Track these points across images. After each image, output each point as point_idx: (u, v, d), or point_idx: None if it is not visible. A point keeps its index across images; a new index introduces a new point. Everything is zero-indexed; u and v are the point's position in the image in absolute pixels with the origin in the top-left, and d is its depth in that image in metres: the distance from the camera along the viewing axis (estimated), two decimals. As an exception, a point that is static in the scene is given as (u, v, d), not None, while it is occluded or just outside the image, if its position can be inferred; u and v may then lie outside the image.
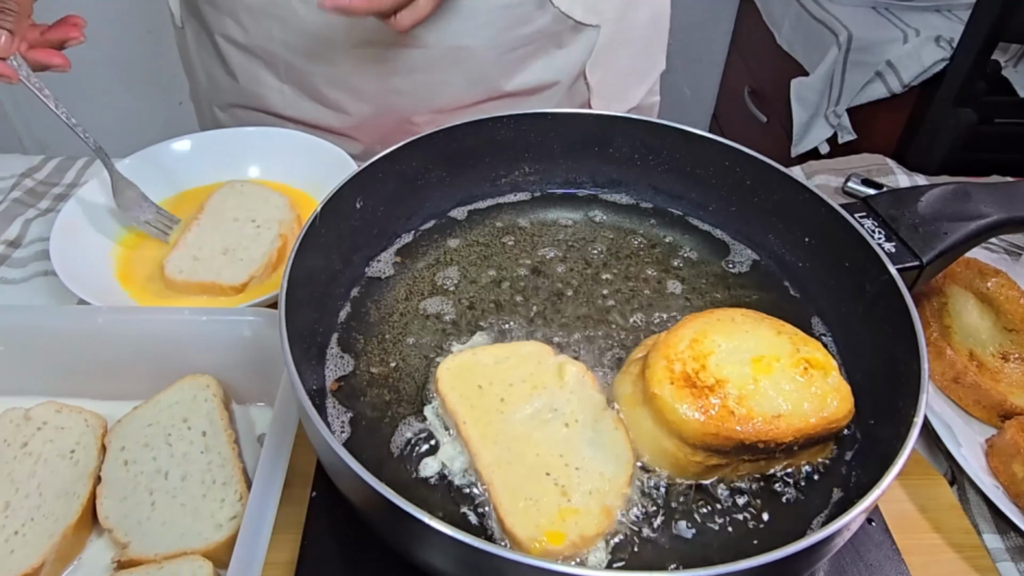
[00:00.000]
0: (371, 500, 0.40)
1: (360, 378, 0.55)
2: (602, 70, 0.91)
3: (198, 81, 0.98)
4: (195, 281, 0.73)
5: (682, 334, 0.51)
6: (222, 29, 0.87)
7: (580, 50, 0.89)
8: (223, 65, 0.91)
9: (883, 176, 0.98)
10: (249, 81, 0.90)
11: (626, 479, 0.48)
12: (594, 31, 0.88)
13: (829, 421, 0.48)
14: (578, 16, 0.85)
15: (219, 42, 0.89)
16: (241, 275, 0.73)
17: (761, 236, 0.66)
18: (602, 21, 0.88)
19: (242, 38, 0.86)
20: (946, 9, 1.67)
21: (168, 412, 0.59)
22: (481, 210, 0.70)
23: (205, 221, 0.79)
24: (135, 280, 0.75)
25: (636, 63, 0.95)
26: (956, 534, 0.58)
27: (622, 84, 0.96)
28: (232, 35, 0.87)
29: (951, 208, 0.61)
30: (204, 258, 0.75)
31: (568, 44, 0.88)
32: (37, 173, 0.94)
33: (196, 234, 0.77)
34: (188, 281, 0.73)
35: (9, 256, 0.82)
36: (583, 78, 0.91)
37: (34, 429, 0.58)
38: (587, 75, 0.91)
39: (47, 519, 0.53)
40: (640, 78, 0.98)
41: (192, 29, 0.93)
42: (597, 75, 0.91)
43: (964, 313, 0.70)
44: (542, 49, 0.87)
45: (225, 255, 0.75)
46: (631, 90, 0.97)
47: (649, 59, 0.97)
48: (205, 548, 0.51)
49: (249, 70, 0.89)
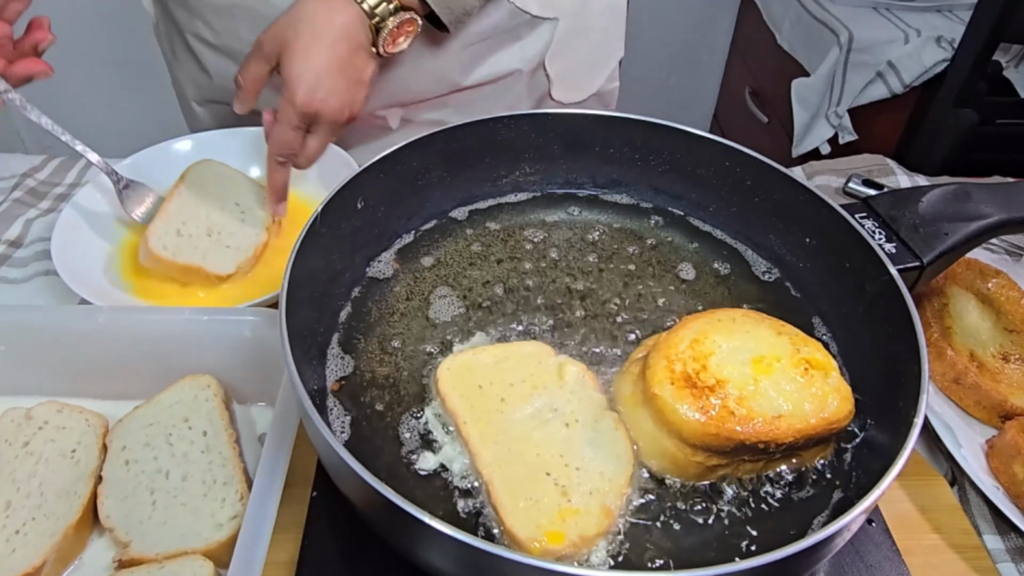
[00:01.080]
0: (372, 500, 0.40)
1: (361, 378, 0.55)
2: (561, 61, 0.92)
3: (176, 77, 0.99)
4: (181, 263, 0.72)
5: (682, 334, 0.51)
6: (193, 29, 0.87)
7: (539, 43, 0.89)
8: (197, 63, 0.91)
9: (884, 177, 0.98)
10: (223, 78, 0.90)
11: (626, 479, 0.48)
12: (552, 24, 0.88)
13: (829, 421, 0.48)
14: (534, 11, 0.85)
15: (191, 41, 0.89)
16: (229, 265, 0.73)
17: (761, 236, 0.66)
18: (560, 14, 0.88)
19: (212, 38, 0.86)
20: (947, 9, 1.67)
21: (169, 412, 0.59)
22: (482, 210, 0.70)
23: (186, 193, 0.77)
24: (136, 280, 0.75)
25: (595, 52, 0.96)
26: (956, 535, 0.58)
27: (582, 73, 0.96)
28: (202, 34, 0.87)
29: (952, 209, 0.61)
30: (188, 235, 0.74)
31: (526, 37, 0.88)
32: (39, 173, 0.94)
33: (178, 204, 0.76)
34: (173, 262, 0.72)
35: (10, 256, 0.83)
36: (543, 69, 0.92)
37: (35, 429, 0.58)
38: (546, 66, 0.91)
39: (48, 518, 0.53)
40: (599, 67, 0.98)
41: (165, 27, 0.94)
42: (556, 66, 0.92)
43: (965, 314, 0.70)
44: (500, 44, 0.87)
45: (210, 237, 0.75)
46: (591, 79, 0.98)
47: (608, 47, 0.98)
48: (206, 548, 0.51)
49: (222, 68, 0.89)
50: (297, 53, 0.66)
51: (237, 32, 0.84)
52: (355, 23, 0.68)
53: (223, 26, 0.84)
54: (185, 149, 0.87)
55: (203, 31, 0.86)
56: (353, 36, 0.68)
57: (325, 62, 0.66)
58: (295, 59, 0.66)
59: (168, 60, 0.99)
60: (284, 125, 0.68)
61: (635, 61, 2.23)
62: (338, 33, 0.67)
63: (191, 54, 0.91)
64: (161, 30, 0.95)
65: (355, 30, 0.68)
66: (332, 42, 0.66)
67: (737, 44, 2.29)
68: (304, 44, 0.66)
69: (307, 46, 0.66)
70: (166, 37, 0.95)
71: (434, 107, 0.90)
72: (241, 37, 0.84)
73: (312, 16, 0.66)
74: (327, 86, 0.67)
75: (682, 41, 2.30)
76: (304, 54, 0.66)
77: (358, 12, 0.68)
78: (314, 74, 0.66)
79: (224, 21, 0.83)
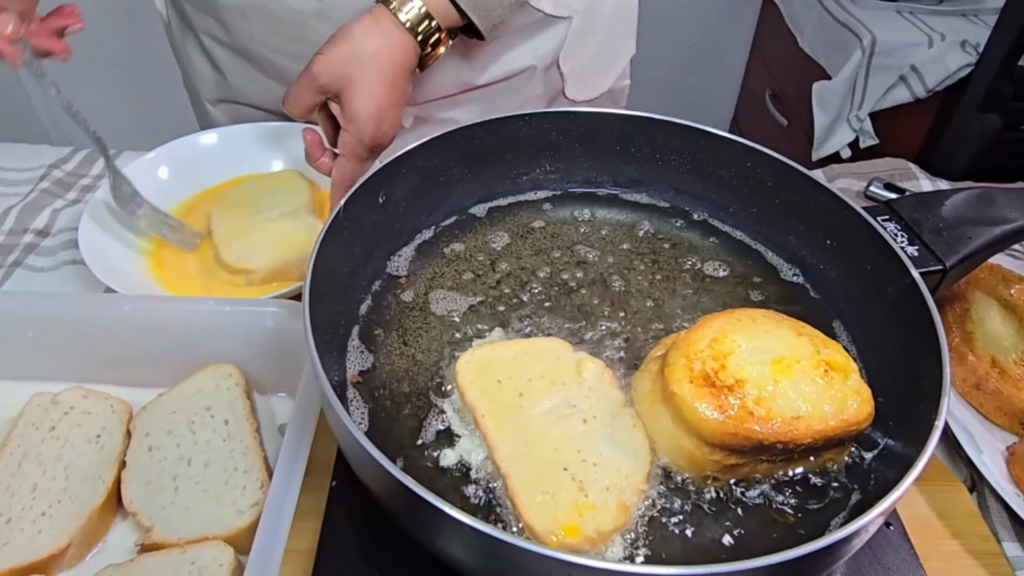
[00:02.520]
0: (392, 489, 0.40)
1: (380, 371, 0.56)
2: (574, 59, 0.92)
3: (189, 77, 1.00)
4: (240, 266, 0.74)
5: (702, 333, 0.51)
6: (206, 28, 0.88)
7: (552, 40, 0.90)
8: (211, 62, 0.92)
9: (906, 181, 0.97)
10: (237, 78, 0.91)
11: (643, 476, 0.48)
12: (566, 23, 0.89)
13: (849, 424, 0.48)
14: (548, 9, 0.86)
15: (204, 40, 0.90)
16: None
17: (782, 238, 0.66)
18: (572, 12, 0.88)
19: (225, 38, 0.87)
20: (972, 14, 1.65)
21: (191, 400, 0.60)
22: (501, 207, 0.71)
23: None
24: (161, 269, 0.76)
25: (607, 50, 0.97)
26: (975, 541, 0.58)
27: (594, 71, 0.97)
28: (216, 35, 0.88)
29: (975, 212, 0.60)
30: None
31: (539, 35, 0.89)
32: (65, 165, 0.96)
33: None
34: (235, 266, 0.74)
35: (38, 245, 0.84)
36: (557, 67, 0.92)
37: (61, 413, 0.59)
38: (560, 64, 0.92)
39: (73, 501, 0.54)
40: (611, 64, 0.99)
41: (178, 27, 0.94)
42: (569, 64, 0.92)
43: (987, 319, 0.70)
44: (513, 42, 0.87)
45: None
46: (603, 76, 0.98)
47: (619, 45, 0.99)
48: (227, 534, 0.52)
49: (236, 68, 0.90)
50: (362, 93, 0.67)
51: (250, 32, 0.84)
52: (410, 55, 0.70)
53: (236, 26, 0.85)
54: (211, 142, 0.88)
55: (217, 31, 0.87)
56: (408, 68, 0.70)
57: (389, 99, 0.68)
58: (362, 98, 0.67)
59: (181, 60, 0.99)
60: (354, 160, 0.70)
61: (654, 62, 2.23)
62: (399, 69, 0.69)
63: (205, 54, 0.92)
64: (174, 30, 0.96)
65: (410, 62, 0.70)
66: (394, 78, 0.68)
67: (758, 46, 2.27)
68: (369, 84, 0.67)
69: (372, 85, 0.67)
70: (179, 37, 0.95)
71: (447, 106, 0.90)
72: (255, 37, 0.85)
73: (376, 55, 0.67)
74: (389, 120, 0.69)
75: (702, 43, 2.29)
76: (370, 94, 0.67)
77: (413, 44, 0.69)
78: (380, 111, 0.68)
79: (238, 21, 0.84)
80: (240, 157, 0.88)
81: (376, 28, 0.68)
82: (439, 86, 0.88)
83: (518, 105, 0.93)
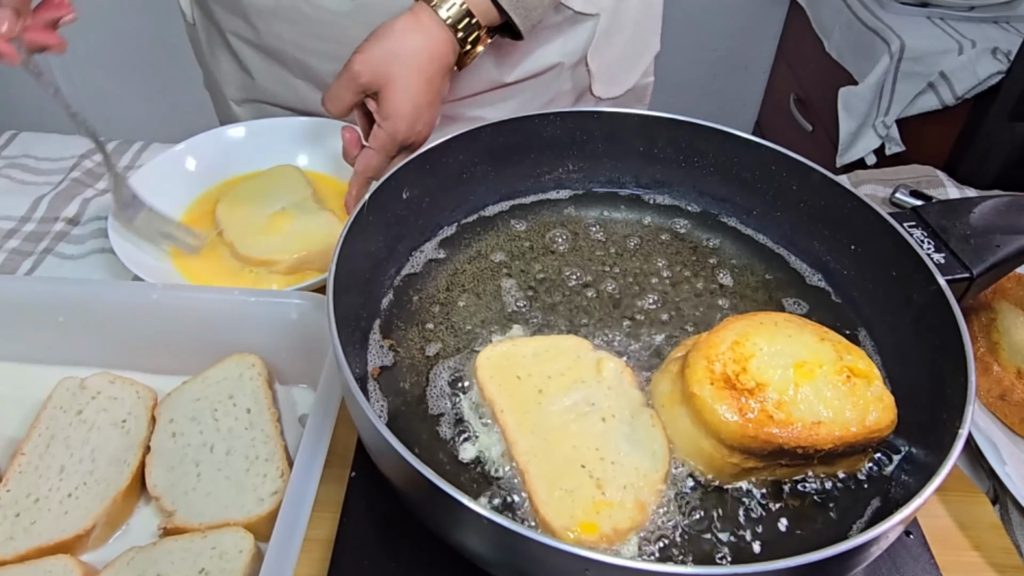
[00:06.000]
0: (412, 480, 0.41)
1: (400, 364, 0.57)
2: (602, 56, 0.93)
3: (212, 76, 1.00)
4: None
5: (723, 335, 0.50)
6: (233, 28, 0.89)
7: (580, 37, 0.90)
8: (237, 62, 0.93)
9: (932, 188, 0.96)
10: (264, 78, 0.91)
11: (661, 476, 0.48)
12: (594, 20, 0.88)
13: (870, 431, 0.47)
14: (577, 7, 0.86)
15: (231, 40, 0.90)
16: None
17: (806, 242, 0.66)
18: (600, 9, 0.88)
19: (253, 37, 0.87)
20: (1004, 21, 1.63)
21: (215, 388, 0.61)
22: (524, 205, 0.71)
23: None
24: (187, 261, 0.77)
25: (633, 47, 0.97)
26: (997, 553, 0.57)
27: (620, 68, 0.97)
28: (244, 34, 0.88)
29: (1004, 221, 0.59)
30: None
31: (568, 32, 0.89)
32: (96, 155, 0.98)
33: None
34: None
35: (68, 233, 0.86)
36: (584, 64, 0.92)
37: (89, 398, 0.61)
38: (588, 61, 0.92)
39: (99, 484, 0.55)
40: (636, 61, 0.99)
41: (203, 26, 0.95)
42: (597, 61, 0.93)
43: (1013, 330, 0.69)
44: (542, 39, 0.87)
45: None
46: (628, 73, 0.99)
47: (644, 42, 0.99)
48: (247, 520, 0.53)
49: (263, 67, 0.90)
50: (401, 90, 0.67)
51: (280, 33, 0.85)
52: (450, 52, 0.69)
53: (266, 26, 0.85)
54: (238, 136, 0.89)
55: (245, 31, 0.88)
56: (447, 65, 0.70)
57: (426, 98, 0.68)
58: (399, 96, 0.67)
59: (206, 60, 1.00)
60: (383, 155, 0.70)
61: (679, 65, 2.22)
62: (438, 66, 0.68)
63: (231, 54, 0.92)
64: (199, 30, 0.96)
65: (449, 60, 0.70)
66: (431, 76, 0.68)
67: (783, 50, 2.25)
68: (407, 80, 0.67)
69: (411, 82, 0.67)
70: (204, 37, 0.96)
71: (476, 104, 0.91)
72: (284, 38, 0.85)
73: (417, 52, 0.67)
74: (425, 119, 0.69)
75: (727, 46, 2.28)
76: (408, 91, 0.67)
77: (452, 41, 0.69)
78: (417, 109, 0.68)
79: (267, 21, 0.85)
80: (266, 151, 0.89)
81: (417, 25, 0.68)
82: (468, 84, 0.88)
83: (546, 102, 0.94)
